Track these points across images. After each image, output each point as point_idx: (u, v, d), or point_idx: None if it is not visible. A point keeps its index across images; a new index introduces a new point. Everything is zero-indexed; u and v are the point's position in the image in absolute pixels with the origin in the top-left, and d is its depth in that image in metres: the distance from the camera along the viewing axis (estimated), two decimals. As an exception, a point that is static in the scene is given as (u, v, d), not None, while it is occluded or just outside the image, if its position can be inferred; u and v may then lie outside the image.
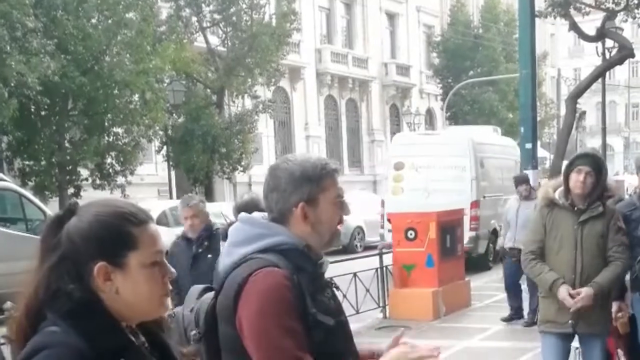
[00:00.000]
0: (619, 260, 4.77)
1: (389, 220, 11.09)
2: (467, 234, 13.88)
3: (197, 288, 2.43)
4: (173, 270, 1.76)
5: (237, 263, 2.20)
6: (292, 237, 2.22)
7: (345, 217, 2.34)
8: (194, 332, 2.25)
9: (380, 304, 10.62)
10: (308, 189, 2.23)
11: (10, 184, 13.13)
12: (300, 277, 2.15)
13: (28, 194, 13.62)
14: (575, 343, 5.07)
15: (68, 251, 1.65)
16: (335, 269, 4.54)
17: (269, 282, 2.10)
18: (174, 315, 2.31)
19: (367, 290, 10.30)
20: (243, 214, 2.37)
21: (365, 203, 20.93)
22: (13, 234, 12.03)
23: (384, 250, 11.02)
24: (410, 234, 10.50)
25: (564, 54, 64.55)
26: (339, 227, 2.32)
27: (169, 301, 1.76)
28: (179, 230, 5.85)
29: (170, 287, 1.76)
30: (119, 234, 1.67)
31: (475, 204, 14.88)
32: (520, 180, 10.22)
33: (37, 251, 1.69)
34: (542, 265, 4.83)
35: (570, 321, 4.80)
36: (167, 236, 1.70)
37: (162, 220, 15.77)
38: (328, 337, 2.17)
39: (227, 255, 2.27)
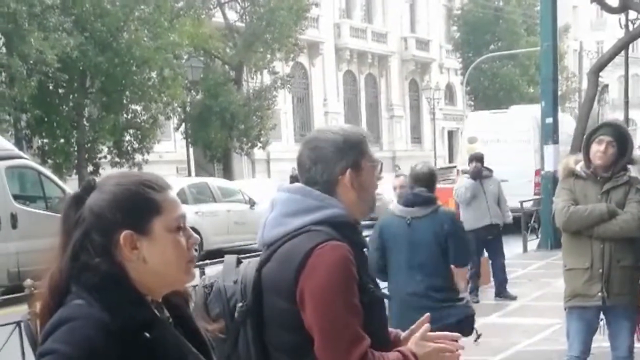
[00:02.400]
0: (628, 212, 4.63)
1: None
2: (532, 198, 15.71)
3: (233, 258, 2.36)
4: (196, 235, 1.74)
5: (292, 234, 2.15)
6: (344, 209, 2.20)
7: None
8: (240, 304, 2.18)
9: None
10: (353, 155, 2.22)
11: (29, 161, 13.14)
12: (354, 251, 2.13)
13: (47, 171, 13.61)
14: (601, 315, 4.86)
15: (92, 224, 1.64)
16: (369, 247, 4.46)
17: (337, 256, 2.07)
18: (211, 286, 2.25)
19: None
20: (292, 185, 2.31)
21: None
22: (33, 211, 12.00)
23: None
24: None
25: (586, 26, 63.70)
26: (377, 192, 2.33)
27: (193, 269, 1.75)
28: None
29: (194, 254, 1.74)
30: (142, 200, 1.66)
31: (538, 172, 16.13)
32: (471, 158, 10.21)
33: (59, 228, 1.68)
34: (583, 206, 4.63)
35: (599, 293, 4.63)
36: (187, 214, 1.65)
37: (182, 198, 15.69)
38: (382, 309, 2.22)
39: (276, 225, 2.21)
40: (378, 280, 3.46)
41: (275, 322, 2.14)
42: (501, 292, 9.89)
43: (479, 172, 9.83)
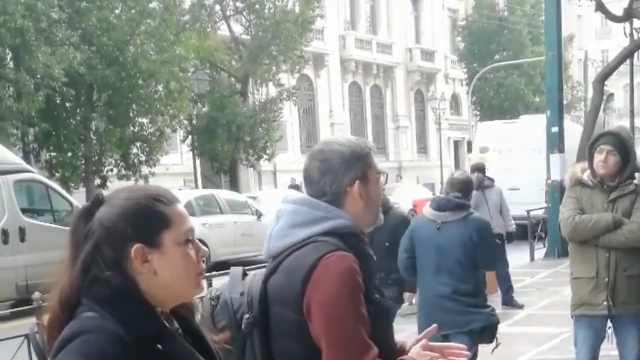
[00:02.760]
0: (635, 222, 4.63)
1: (415, 206, 11.02)
2: (544, 206, 15.60)
3: (239, 270, 2.38)
4: (205, 248, 1.76)
5: (298, 245, 2.17)
6: (351, 220, 2.22)
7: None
8: (247, 316, 2.20)
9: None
10: (360, 167, 2.25)
11: (37, 175, 13.21)
12: (360, 261, 2.15)
13: (54, 185, 13.70)
14: (609, 323, 4.85)
15: (102, 238, 1.65)
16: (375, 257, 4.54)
17: (343, 266, 2.08)
18: (217, 298, 2.27)
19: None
20: (297, 196, 2.33)
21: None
22: (41, 225, 12.08)
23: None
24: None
25: (590, 35, 63.72)
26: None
27: (203, 281, 1.76)
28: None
29: (203, 267, 1.76)
30: (152, 214, 1.67)
31: None
32: (473, 169, 10.36)
33: (68, 242, 1.69)
34: (588, 216, 4.62)
35: (605, 302, 4.63)
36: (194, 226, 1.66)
37: (189, 210, 15.77)
38: (389, 319, 2.24)
39: (284, 236, 2.23)
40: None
41: (282, 333, 2.14)
42: (508, 301, 9.88)
43: (481, 181, 9.87)
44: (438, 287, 5.06)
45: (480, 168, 10.24)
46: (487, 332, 5.08)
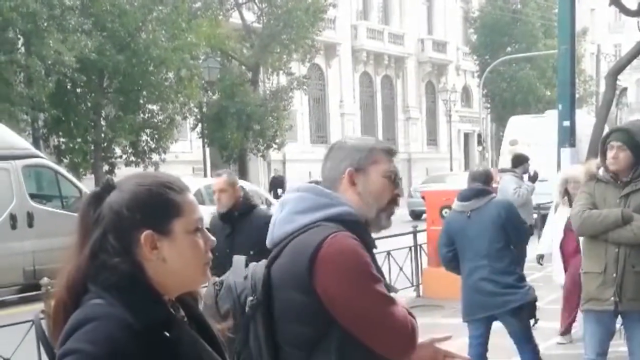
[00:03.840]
0: None
1: (423, 197, 10.99)
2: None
3: (242, 257, 2.39)
4: (213, 238, 1.76)
5: (301, 230, 2.19)
6: (355, 208, 2.25)
7: None
8: (250, 298, 2.21)
9: (414, 283, 10.55)
10: (358, 157, 2.30)
11: (46, 161, 13.20)
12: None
13: (63, 171, 13.72)
14: (619, 319, 4.85)
15: (112, 223, 1.64)
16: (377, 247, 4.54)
17: (348, 243, 2.13)
18: (221, 283, 2.28)
19: (401, 269, 10.22)
20: (302, 185, 2.37)
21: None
22: (49, 210, 12.11)
23: (417, 229, 10.94)
24: (446, 212, 10.38)
25: (603, 29, 63.34)
26: (393, 207, 2.36)
27: (209, 270, 1.76)
28: (214, 209, 5.56)
29: (211, 256, 1.75)
30: (163, 201, 1.67)
31: None
32: (523, 160, 10.53)
33: (77, 227, 1.68)
34: (597, 211, 4.64)
35: (612, 297, 4.62)
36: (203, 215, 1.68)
37: (198, 198, 15.71)
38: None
39: (287, 222, 2.25)
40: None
41: (287, 316, 2.16)
42: None
43: (536, 174, 10.31)
44: (478, 270, 5.40)
45: (528, 159, 10.51)
46: (525, 309, 5.35)
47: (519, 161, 10.56)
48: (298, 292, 2.11)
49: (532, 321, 5.61)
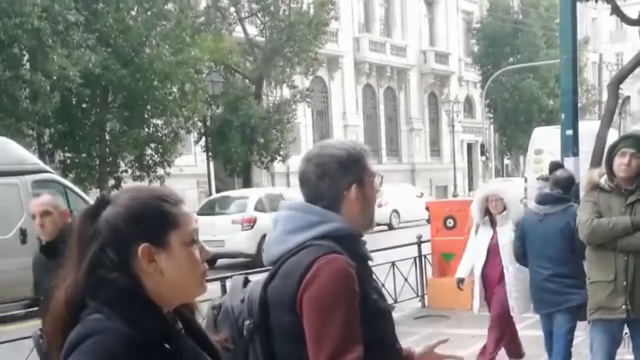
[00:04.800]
0: None
1: (427, 208, 11.03)
2: None
3: (240, 279, 2.37)
4: (209, 249, 1.77)
5: (294, 250, 2.18)
6: (345, 223, 2.22)
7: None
8: (247, 322, 2.19)
9: (419, 293, 10.57)
10: (356, 170, 2.26)
11: (55, 175, 13.33)
12: (356, 262, 2.15)
13: (72, 185, 13.81)
14: (625, 328, 4.89)
15: (109, 238, 1.64)
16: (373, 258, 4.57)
17: (335, 267, 2.09)
18: (219, 307, 2.28)
19: (406, 280, 10.25)
20: (292, 203, 2.34)
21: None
22: None
23: (422, 239, 10.97)
24: (450, 223, 10.42)
25: (605, 38, 63.41)
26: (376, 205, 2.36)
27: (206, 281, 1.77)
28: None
29: (206, 267, 1.76)
30: (159, 214, 1.67)
31: None
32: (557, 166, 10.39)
33: (73, 243, 1.68)
34: (606, 219, 4.63)
35: (623, 305, 4.62)
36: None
37: (259, 206, 17.15)
38: (388, 320, 2.22)
39: (280, 242, 2.24)
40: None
41: (282, 336, 2.15)
42: None
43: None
44: (541, 270, 5.84)
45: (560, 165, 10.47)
46: (583, 309, 5.38)
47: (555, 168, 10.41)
48: (288, 312, 2.12)
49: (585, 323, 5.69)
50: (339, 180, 2.24)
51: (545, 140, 20.23)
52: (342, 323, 2.05)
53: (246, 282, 2.35)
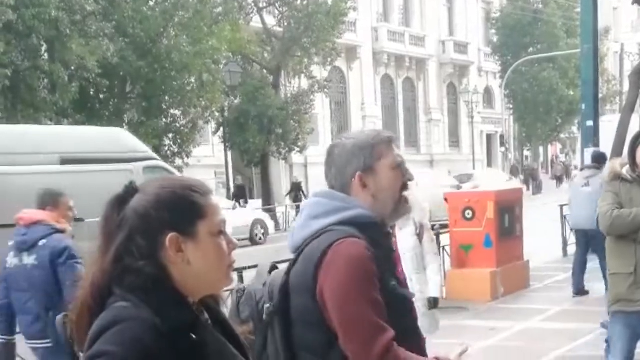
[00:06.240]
0: None
1: (446, 199, 10.93)
2: None
3: (266, 264, 2.40)
4: (235, 241, 1.76)
5: (315, 235, 2.19)
6: (369, 210, 2.23)
7: None
8: (267, 305, 2.21)
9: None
10: (362, 158, 2.25)
11: (161, 162, 14.23)
12: (376, 250, 2.15)
13: (175, 171, 14.71)
14: None
15: (136, 226, 1.64)
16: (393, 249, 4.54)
17: (352, 251, 2.10)
18: (243, 290, 2.31)
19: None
20: (319, 190, 2.35)
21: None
22: None
23: (440, 231, 10.89)
24: (468, 214, 10.35)
25: (627, 28, 62.74)
26: (404, 194, 2.32)
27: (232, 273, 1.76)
28: None
29: (234, 259, 1.76)
30: (187, 203, 1.67)
31: None
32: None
33: (101, 230, 1.68)
34: (627, 210, 4.57)
35: None
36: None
37: None
38: (407, 310, 2.23)
39: (302, 228, 2.26)
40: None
41: (300, 321, 2.17)
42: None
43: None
44: None
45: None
46: None
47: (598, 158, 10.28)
48: (307, 298, 2.13)
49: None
50: (343, 169, 2.27)
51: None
52: (367, 307, 2.06)
53: (272, 268, 2.38)
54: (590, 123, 13.52)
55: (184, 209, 1.66)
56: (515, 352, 7.41)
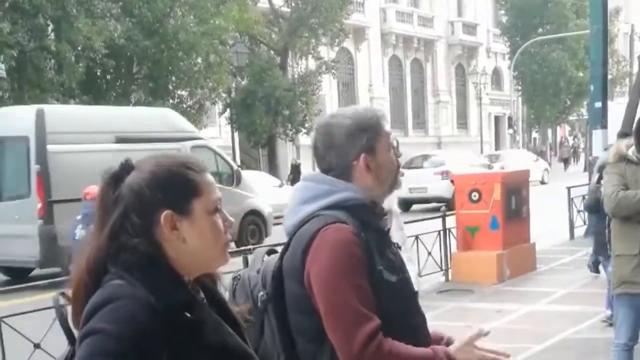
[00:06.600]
0: None
1: (452, 181, 10.88)
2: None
3: (262, 250, 2.37)
4: (232, 219, 1.75)
5: (304, 220, 2.17)
6: (358, 192, 2.19)
7: None
8: (261, 293, 2.19)
9: (443, 267, 10.48)
10: (364, 138, 2.20)
11: (207, 142, 15.22)
12: (367, 233, 2.13)
13: (220, 150, 15.49)
14: None
15: (132, 203, 1.63)
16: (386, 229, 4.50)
17: (338, 237, 2.07)
18: (239, 277, 2.27)
19: (429, 253, 10.15)
20: (308, 173, 2.33)
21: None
22: None
23: (446, 213, 10.85)
24: (474, 196, 10.30)
25: (637, 8, 62.16)
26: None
27: (228, 252, 1.74)
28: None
29: (230, 237, 1.73)
30: (183, 181, 1.66)
31: None
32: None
33: (96, 208, 1.67)
34: (632, 191, 4.54)
35: None
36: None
37: None
38: (394, 294, 2.16)
39: (294, 213, 2.24)
40: None
41: (293, 308, 2.15)
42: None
43: None
44: None
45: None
46: None
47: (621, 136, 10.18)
48: (296, 283, 2.11)
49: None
50: (346, 151, 2.21)
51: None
52: (350, 295, 2.03)
53: (270, 252, 2.35)
54: (599, 104, 13.41)
55: (179, 187, 1.65)
56: (521, 335, 7.39)
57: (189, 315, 1.60)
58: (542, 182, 30.68)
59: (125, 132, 12.65)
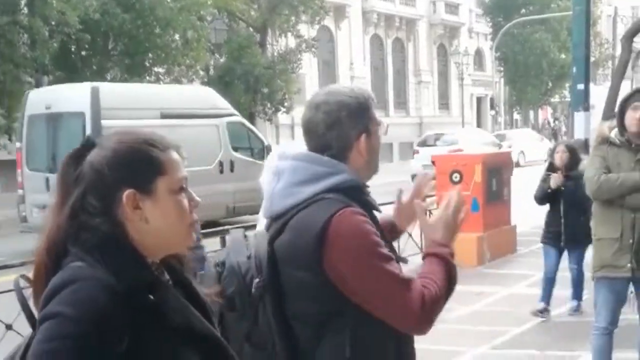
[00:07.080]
0: None
1: (433, 162, 10.75)
2: None
3: (239, 233, 2.33)
4: (198, 198, 1.71)
5: (304, 204, 2.11)
6: (353, 174, 2.18)
7: None
8: (256, 280, 2.13)
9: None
10: (365, 119, 2.20)
11: (240, 118, 15.90)
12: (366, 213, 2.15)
13: (252, 126, 16.32)
14: (630, 287, 4.81)
15: (93, 182, 1.59)
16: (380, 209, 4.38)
17: (354, 222, 2.06)
18: (223, 263, 2.21)
19: (410, 235, 10.00)
20: (296, 152, 2.25)
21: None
22: (244, 159, 14.92)
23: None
24: (455, 177, 10.19)
25: (620, -9, 62.33)
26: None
27: (194, 232, 1.71)
28: None
29: (196, 217, 1.70)
30: (146, 159, 1.62)
31: None
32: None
33: (57, 186, 1.63)
34: (615, 174, 4.53)
35: (628, 264, 4.55)
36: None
37: None
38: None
39: (287, 195, 2.16)
40: None
41: (295, 294, 2.11)
42: None
43: None
44: None
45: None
46: None
47: None
48: (305, 270, 2.06)
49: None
50: (349, 130, 2.18)
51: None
52: (389, 267, 2.05)
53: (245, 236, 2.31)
54: (581, 86, 13.29)
55: (141, 165, 1.61)
56: (501, 317, 7.34)
57: (151, 297, 1.56)
58: (517, 164, 31.47)
59: (169, 109, 13.53)
